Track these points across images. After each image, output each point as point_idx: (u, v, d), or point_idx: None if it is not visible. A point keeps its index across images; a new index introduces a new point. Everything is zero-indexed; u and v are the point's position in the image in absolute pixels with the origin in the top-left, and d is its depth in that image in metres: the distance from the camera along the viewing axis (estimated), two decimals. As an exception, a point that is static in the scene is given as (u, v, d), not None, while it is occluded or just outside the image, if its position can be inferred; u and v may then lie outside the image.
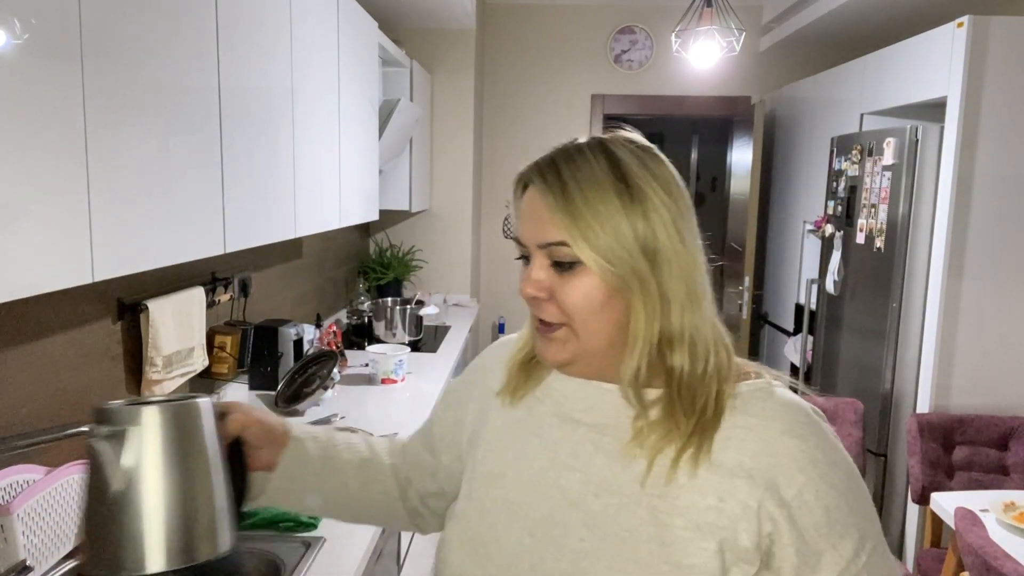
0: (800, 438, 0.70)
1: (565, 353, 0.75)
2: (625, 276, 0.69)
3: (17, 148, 0.91)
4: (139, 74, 1.16)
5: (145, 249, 1.20)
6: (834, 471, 0.70)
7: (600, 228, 0.69)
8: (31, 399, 1.37)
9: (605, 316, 0.71)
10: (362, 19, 2.59)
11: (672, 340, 0.71)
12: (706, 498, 0.69)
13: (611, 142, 0.74)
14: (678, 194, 0.73)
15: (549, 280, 0.73)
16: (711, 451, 0.70)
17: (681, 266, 0.71)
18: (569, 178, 0.71)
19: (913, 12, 3.42)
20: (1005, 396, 2.55)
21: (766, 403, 0.72)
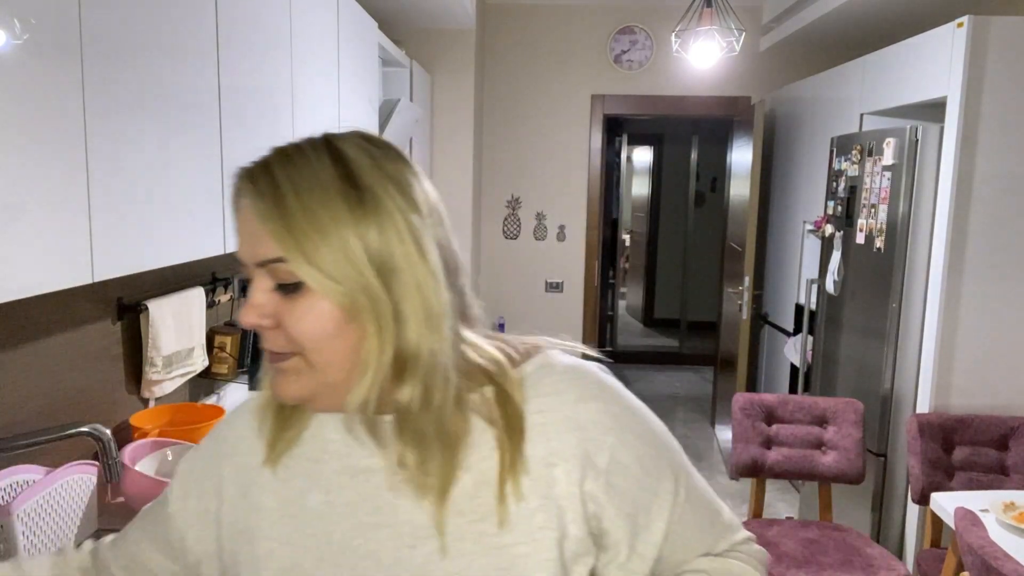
0: (597, 399, 0.68)
1: (299, 387, 0.64)
2: (355, 296, 0.60)
3: (17, 148, 0.91)
4: (139, 74, 1.16)
5: (145, 249, 1.20)
6: (634, 419, 0.70)
7: (322, 241, 0.59)
8: (31, 399, 1.37)
9: (341, 342, 0.61)
10: (362, 19, 2.59)
11: (406, 365, 0.62)
12: (530, 503, 0.65)
13: (339, 138, 0.64)
14: (419, 198, 0.64)
15: (273, 304, 0.62)
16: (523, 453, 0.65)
17: (419, 281, 0.61)
18: (284, 182, 0.60)
19: (913, 12, 3.42)
20: (1005, 396, 2.55)
21: (553, 376, 0.69)
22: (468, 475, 0.65)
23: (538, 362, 0.71)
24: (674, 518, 0.70)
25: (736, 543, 0.78)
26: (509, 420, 0.66)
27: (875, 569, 2.24)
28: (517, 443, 0.65)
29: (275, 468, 0.71)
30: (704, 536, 0.74)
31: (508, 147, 4.61)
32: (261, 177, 0.62)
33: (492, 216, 4.68)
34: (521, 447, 0.65)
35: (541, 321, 4.74)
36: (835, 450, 2.55)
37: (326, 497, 0.69)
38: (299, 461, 0.71)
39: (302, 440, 0.71)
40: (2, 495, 1.19)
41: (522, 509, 0.65)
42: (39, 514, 1.21)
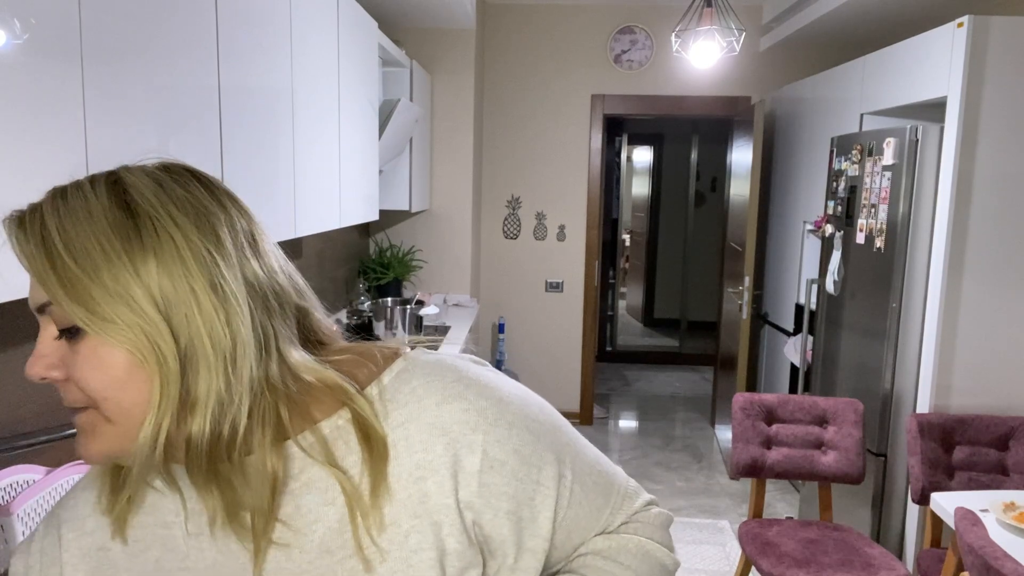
0: (459, 398, 0.63)
1: (101, 444, 0.58)
2: (136, 338, 0.54)
3: (17, 148, 0.91)
4: (139, 74, 1.16)
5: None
6: (505, 410, 0.65)
7: (93, 281, 0.54)
8: (31, 399, 1.37)
9: (135, 388, 0.56)
10: (362, 19, 2.59)
11: (195, 406, 0.56)
12: (401, 526, 0.61)
13: (129, 169, 0.60)
14: (216, 221, 0.58)
15: (59, 354, 0.58)
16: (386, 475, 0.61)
17: (205, 317, 0.55)
18: (50, 219, 0.55)
19: (913, 12, 3.42)
20: (1005, 396, 2.55)
21: (411, 383, 0.64)
22: (332, 510, 0.61)
23: (396, 369, 0.66)
24: (562, 504, 0.67)
25: (635, 512, 0.74)
26: (369, 444, 0.61)
27: (875, 569, 2.24)
28: (380, 468, 0.61)
29: (124, 542, 0.64)
30: (599, 514, 0.71)
31: (508, 147, 4.62)
32: (30, 218, 0.56)
33: (492, 216, 4.68)
34: (384, 471, 0.61)
35: (541, 321, 4.74)
36: (835, 450, 2.55)
37: (184, 563, 0.63)
38: (150, 530, 0.64)
39: (149, 506, 0.65)
40: (2, 495, 1.19)
41: (393, 534, 0.60)
42: (39, 514, 1.21)
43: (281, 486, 0.61)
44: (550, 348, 4.77)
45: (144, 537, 0.64)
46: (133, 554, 0.64)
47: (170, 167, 0.61)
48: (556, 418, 0.70)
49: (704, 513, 3.59)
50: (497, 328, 4.68)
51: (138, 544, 0.64)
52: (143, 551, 0.64)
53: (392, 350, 0.68)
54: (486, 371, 0.68)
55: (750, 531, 2.48)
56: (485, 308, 4.71)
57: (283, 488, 0.61)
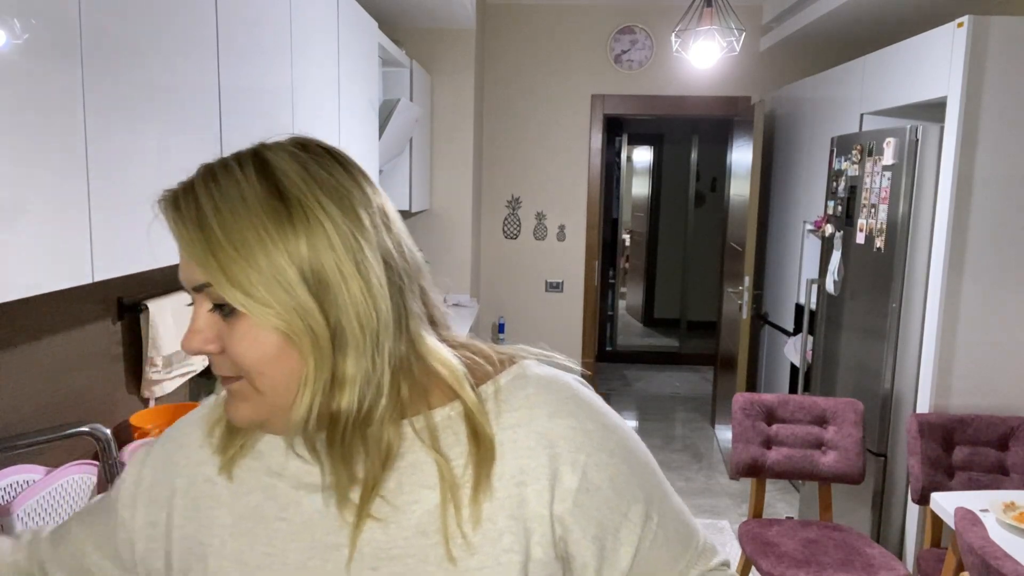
0: (571, 416, 0.65)
1: (249, 411, 0.62)
2: (289, 317, 0.57)
3: (17, 148, 0.91)
4: (139, 74, 1.16)
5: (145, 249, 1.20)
6: (608, 437, 0.66)
7: (249, 263, 0.56)
8: (31, 399, 1.37)
9: (284, 365, 0.59)
10: (362, 19, 2.59)
11: (344, 383, 0.59)
12: (496, 524, 0.62)
13: (270, 149, 0.61)
14: (355, 201, 0.60)
15: (214, 329, 0.60)
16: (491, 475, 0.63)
17: (355, 296, 0.58)
18: (206, 203, 0.58)
19: (913, 12, 3.42)
20: (1005, 396, 2.55)
21: (527, 390, 0.66)
22: (432, 494, 0.63)
23: (512, 373, 0.68)
24: (644, 544, 0.67)
25: (710, 570, 0.75)
26: (477, 441, 0.63)
27: (875, 569, 2.24)
28: (485, 466, 0.63)
29: (230, 480, 0.68)
30: (675, 563, 0.71)
31: (508, 147, 4.62)
32: (184, 200, 0.59)
33: (492, 216, 4.68)
34: (489, 470, 0.63)
35: (541, 321, 4.74)
36: (835, 450, 2.55)
37: (283, 514, 0.66)
38: (256, 474, 0.68)
39: (259, 452, 0.68)
40: (2, 495, 1.19)
41: (488, 530, 0.62)
42: (39, 514, 1.21)
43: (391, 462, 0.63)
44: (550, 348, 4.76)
45: (248, 480, 0.68)
46: (236, 494, 0.68)
47: (307, 145, 0.62)
48: (650, 459, 0.71)
49: (704, 513, 3.59)
50: (497, 328, 4.68)
51: (242, 485, 0.68)
52: (246, 493, 0.68)
53: (508, 354, 0.71)
54: (595, 396, 0.70)
55: (750, 531, 2.48)
56: (485, 308, 4.71)
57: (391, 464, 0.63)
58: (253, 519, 0.66)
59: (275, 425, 0.62)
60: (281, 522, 0.65)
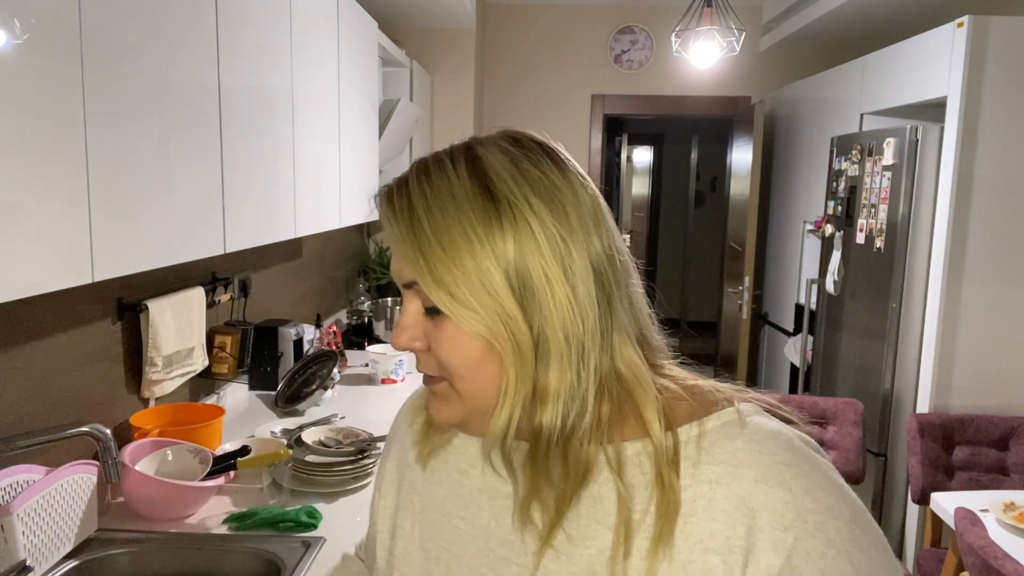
0: (782, 486, 0.54)
1: (450, 412, 0.61)
2: (492, 323, 0.55)
3: (17, 148, 0.91)
4: (139, 74, 1.16)
5: (145, 249, 1.20)
6: (831, 522, 0.53)
7: (456, 266, 0.54)
8: (31, 399, 1.37)
9: (486, 370, 0.57)
10: (362, 19, 2.59)
11: (546, 396, 0.56)
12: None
13: (482, 143, 0.59)
14: (566, 201, 0.57)
15: (421, 328, 0.59)
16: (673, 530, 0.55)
17: (560, 303, 0.55)
18: (418, 199, 0.56)
19: (913, 12, 3.42)
20: (1005, 396, 2.55)
21: (736, 443, 0.56)
22: (609, 533, 0.57)
23: (723, 419, 0.59)
24: None
25: None
26: (663, 489, 0.56)
27: (875, 569, 2.24)
28: (668, 518, 0.55)
29: (424, 469, 0.70)
30: None
31: (508, 147, 4.61)
32: (398, 196, 0.58)
33: (492, 216, 4.68)
34: (673, 524, 0.55)
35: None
36: (835, 450, 2.55)
37: (464, 513, 0.65)
38: (447, 469, 0.68)
39: (454, 448, 0.69)
40: (2, 495, 1.19)
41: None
42: (39, 514, 1.21)
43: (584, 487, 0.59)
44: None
45: (440, 471, 0.69)
46: (428, 483, 0.69)
47: (520, 140, 0.60)
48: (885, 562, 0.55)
49: (704, 513, 3.59)
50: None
51: (434, 475, 0.69)
52: (436, 484, 0.68)
53: (724, 394, 0.62)
54: (825, 463, 0.57)
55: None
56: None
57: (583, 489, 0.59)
58: (438, 511, 0.67)
59: (474, 427, 0.61)
60: (461, 520, 0.65)
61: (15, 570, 1.14)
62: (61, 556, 1.28)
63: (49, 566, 1.25)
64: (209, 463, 1.53)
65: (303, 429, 1.89)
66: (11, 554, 1.14)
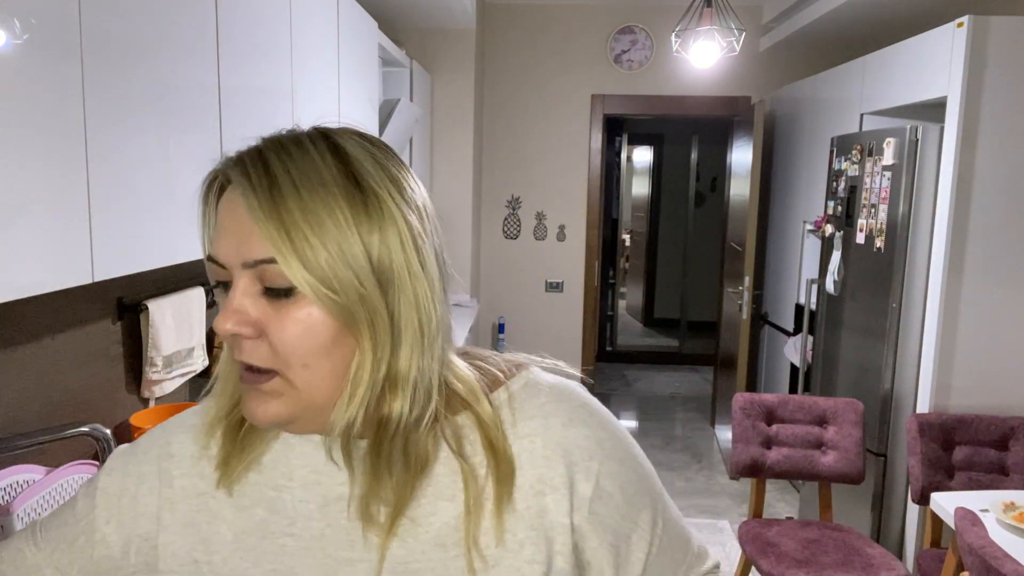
0: (584, 424, 0.65)
1: (279, 408, 0.57)
2: (352, 307, 0.54)
3: (17, 148, 0.91)
4: (139, 74, 1.16)
5: (145, 249, 1.20)
6: (618, 446, 0.66)
7: (322, 244, 0.53)
8: (31, 399, 1.37)
9: (332, 359, 0.56)
10: (362, 19, 2.59)
11: (396, 383, 0.57)
12: (517, 535, 0.60)
13: (338, 134, 0.59)
14: (415, 200, 0.59)
15: (258, 311, 0.55)
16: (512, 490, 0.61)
17: (417, 294, 0.57)
18: (281, 175, 0.54)
19: (913, 12, 3.42)
20: (1005, 396, 2.55)
21: (539, 399, 0.65)
22: (451, 506, 0.61)
23: (522, 380, 0.67)
24: (652, 549, 0.67)
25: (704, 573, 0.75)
26: (495, 454, 0.62)
27: (875, 569, 2.24)
28: (507, 482, 0.61)
29: (230, 493, 0.64)
30: (676, 568, 0.71)
31: (508, 147, 4.61)
32: (254, 167, 0.55)
33: (492, 216, 4.68)
34: (511, 483, 0.61)
35: (541, 321, 4.74)
36: (835, 450, 2.55)
37: (290, 530, 0.62)
38: (259, 489, 0.64)
39: (261, 466, 0.64)
40: (2, 495, 1.19)
41: (509, 542, 0.60)
42: (39, 514, 1.21)
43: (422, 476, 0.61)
44: (550, 348, 4.75)
45: (251, 494, 0.64)
46: (238, 508, 0.64)
47: (372, 139, 0.61)
48: (651, 467, 0.71)
49: (704, 513, 3.59)
50: (497, 328, 4.68)
51: (244, 499, 0.64)
52: (248, 507, 0.64)
53: (515, 361, 0.69)
54: (598, 403, 0.69)
55: (750, 531, 2.48)
56: (485, 308, 4.70)
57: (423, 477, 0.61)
58: (258, 535, 0.63)
59: (303, 424, 0.59)
60: (289, 538, 0.62)
61: (15, 570, 1.14)
62: (61, 556, 1.28)
63: (49, 566, 1.25)
64: (209, 463, 1.53)
65: (303, 429, 1.89)
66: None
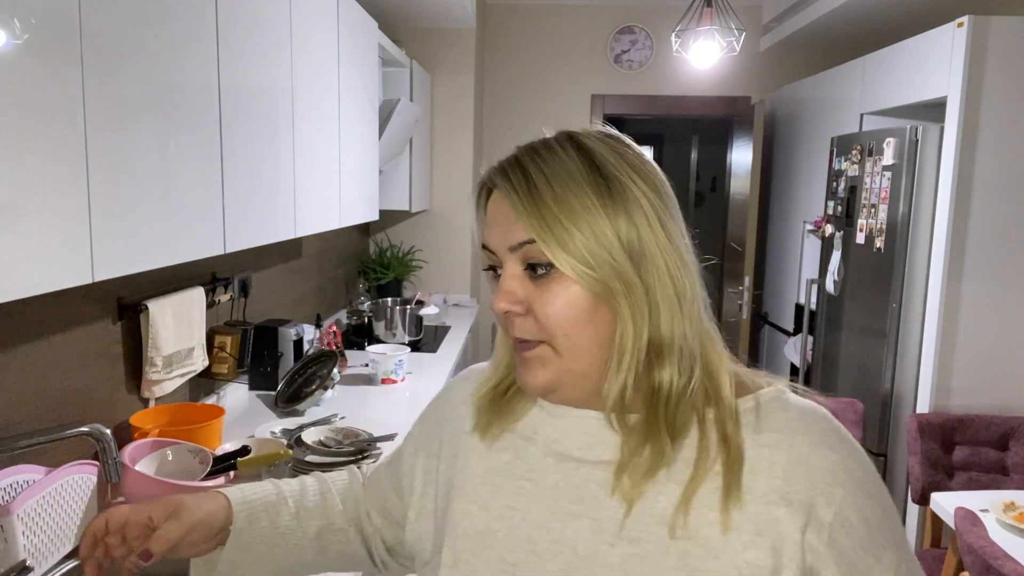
0: (832, 449, 0.64)
1: (546, 375, 0.65)
2: (608, 281, 0.61)
3: (17, 148, 0.91)
4: (139, 74, 1.16)
5: (145, 249, 1.20)
6: (867, 478, 0.65)
7: (575, 228, 0.61)
8: (31, 399, 1.37)
9: (591, 329, 0.62)
10: (362, 19, 2.59)
11: (661, 351, 0.62)
12: (742, 535, 0.61)
13: (581, 134, 0.67)
14: (660, 186, 0.66)
15: (524, 291, 0.64)
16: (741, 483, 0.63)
17: (668, 266, 0.63)
18: (536, 175, 0.63)
19: (913, 12, 3.42)
20: (1005, 396, 2.55)
21: (787, 413, 0.66)
22: (678, 489, 0.63)
23: (772, 394, 0.67)
24: None
25: None
26: (727, 446, 0.63)
27: (875, 569, 2.24)
28: (735, 472, 0.62)
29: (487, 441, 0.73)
30: None
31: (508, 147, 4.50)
32: (513, 171, 0.64)
33: (492, 216, 4.67)
34: (739, 476, 0.62)
35: (541, 321, 4.73)
36: (835, 450, 2.55)
37: (529, 475, 0.69)
38: (510, 436, 0.72)
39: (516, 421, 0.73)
40: (2, 495, 1.19)
41: (733, 540, 0.61)
42: (39, 514, 1.21)
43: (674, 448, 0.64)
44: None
45: (502, 439, 0.73)
46: (491, 449, 0.73)
47: (610, 133, 0.68)
48: (895, 509, 0.69)
49: (704, 513, 3.59)
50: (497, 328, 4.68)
51: (496, 442, 0.73)
52: (500, 450, 0.72)
53: (762, 376, 0.70)
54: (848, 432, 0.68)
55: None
56: (485, 308, 4.70)
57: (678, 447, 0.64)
58: (501, 473, 0.71)
59: (565, 392, 0.66)
60: (527, 482, 0.69)
61: (15, 570, 1.14)
62: (61, 556, 1.28)
63: (49, 566, 1.25)
64: (209, 463, 1.53)
65: (303, 429, 1.89)
66: (11, 554, 1.14)
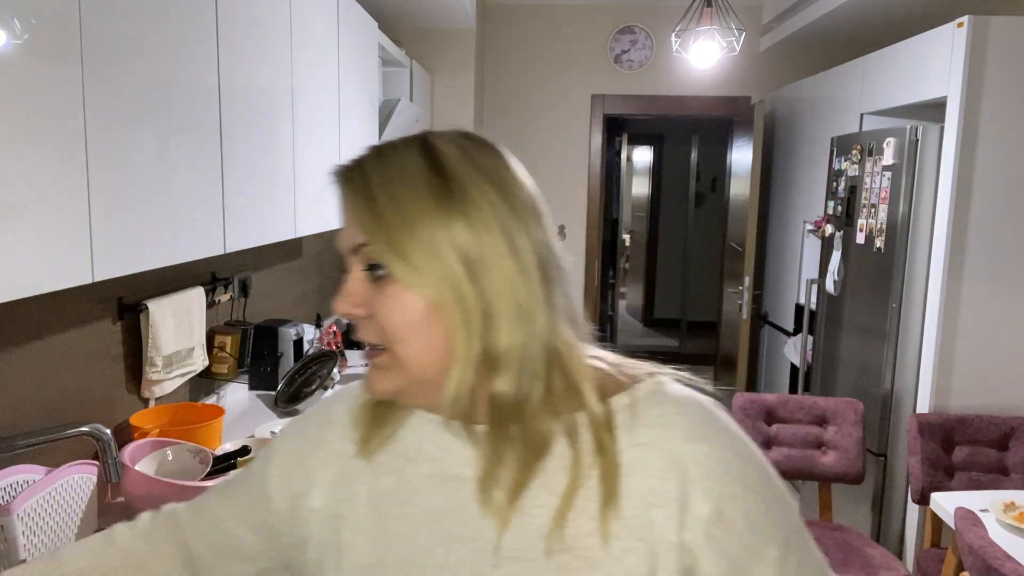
0: (706, 441, 0.61)
1: (388, 382, 0.64)
2: (439, 288, 0.59)
3: (17, 148, 0.91)
4: (139, 74, 1.16)
5: (145, 249, 1.20)
6: (747, 469, 0.62)
7: (409, 231, 0.59)
8: (31, 399, 1.37)
9: (427, 335, 0.60)
10: (362, 19, 2.59)
11: (498, 361, 0.60)
12: (622, 542, 0.60)
13: (434, 135, 0.65)
14: (512, 191, 0.62)
15: (365, 293, 0.62)
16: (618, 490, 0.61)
17: (508, 276, 0.59)
18: (374, 174, 0.61)
19: (913, 12, 3.42)
20: (1005, 396, 2.55)
21: (662, 407, 0.63)
22: (557, 501, 0.62)
23: (648, 388, 0.65)
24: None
25: None
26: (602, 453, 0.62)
27: (875, 569, 2.24)
28: (611, 481, 0.61)
29: (369, 461, 0.71)
30: None
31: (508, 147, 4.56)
32: (354, 171, 0.63)
33: (492, 216, 4.67)
34: (617, 486, 0.61)
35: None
36: (835, 450, 2.55)
37: (414, 500, 0.67)
38: (393, 457, 0.70)
39: (398, 436, 0.71)
40: (2, 495, 1.19)
41: (614, 548, 0.60)
42: (39, 514, 1.21)
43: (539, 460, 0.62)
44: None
45: (386, 462, 0.70)
46: (375, 473, 0.70)
47: (471, 136, 0.65)
48: (791, 501, 0.66)
49: (704, 513, 3.59)
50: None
51: (380, 466, 0.70)
52: (382, 474, 0.70)
53: (644, 370, 0.69)
54: (733, 422, 0.66)
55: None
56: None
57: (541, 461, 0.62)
58: (385, 501, 0.69)
59: (412, 396, 0.65)
60: (410, 507, 0.67)
61: (15, 570, 1.14)
62: (61, 556, 1.28)
63: (49, 566, 1.25)
64: (209, 463, 1.53)
65: (303, 429, 1.88)
66: (11, 554, 1.14)
